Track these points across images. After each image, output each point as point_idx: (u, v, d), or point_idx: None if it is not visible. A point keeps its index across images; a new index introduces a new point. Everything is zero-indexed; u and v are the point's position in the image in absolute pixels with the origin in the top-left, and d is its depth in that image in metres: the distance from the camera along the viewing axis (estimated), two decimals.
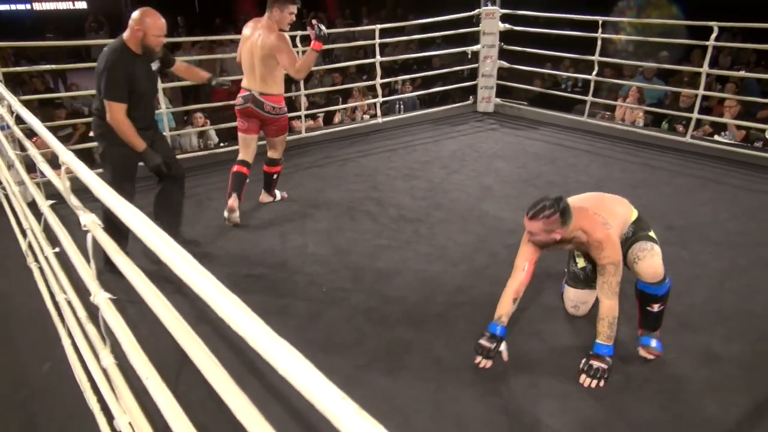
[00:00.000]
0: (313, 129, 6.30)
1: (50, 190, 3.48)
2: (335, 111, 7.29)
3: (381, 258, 3.57)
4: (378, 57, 6.08)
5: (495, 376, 2.50)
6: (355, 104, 7.30)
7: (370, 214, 4.18)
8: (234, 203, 3.98)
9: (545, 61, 7.77)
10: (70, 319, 2.33)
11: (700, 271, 3.33)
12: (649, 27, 7.83)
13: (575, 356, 2.62)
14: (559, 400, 2.36)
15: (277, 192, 4.50)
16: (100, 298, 1.64)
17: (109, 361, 1.79)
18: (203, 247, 3.65)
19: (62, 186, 1.83)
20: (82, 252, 1.86)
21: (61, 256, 2.30)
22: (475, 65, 6.90)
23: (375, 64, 6.13)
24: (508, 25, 6.55)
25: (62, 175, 1.81)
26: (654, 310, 2.59)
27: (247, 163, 4.10)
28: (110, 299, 1.65)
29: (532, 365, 2.57)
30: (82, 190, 1.84)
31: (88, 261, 1.75)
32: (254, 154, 4.16)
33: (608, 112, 6.81)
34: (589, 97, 6.12)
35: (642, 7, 9.39)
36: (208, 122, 6.59)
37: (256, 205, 4.35)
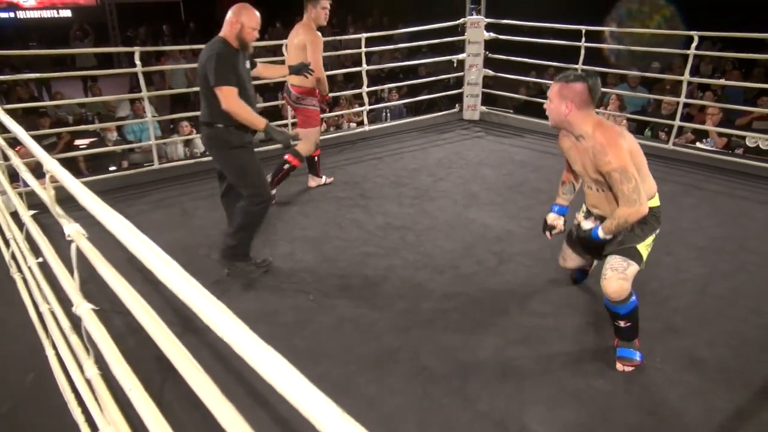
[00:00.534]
0: None
1: (33, 200, 3.45)
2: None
3: (368, 265, 3.58)
4: (364, 65, 6.11)
5: (481, 383, 2.51)
6: (341, 112, 7.31)
7: (358, 222, 4.19)
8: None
9: (530, 69, 7.85)
10: (54, 330, 2.31)
11: (683, 276, 3.37)
12: (640, 36, 7.95)
13: (562, 362, 2.64)
14: (545, 405, 2.38)
15: (323, 177, 4.93)
16: (83, 308, 1.62)
17: (93, 371, 1.77)
18: (189, 255, 3.63)
19: (47, 195, 1.82)
20: (65, 262, 1.84)
21: (45, 266, 2.28)
22: (461, 74, 6.95)
23: (361, 72, 6.16)
24: (493, 34, 6.61)
25: (47, 185, 1.80)
26: (621, 326, 2.56)
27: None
28: (93, 310, 1.64)
29: (518, 371, 2.58)
30: (66, 199, 1.83)
31: (71, 271, 1.74)
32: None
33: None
34: None
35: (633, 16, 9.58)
36: (194, 131, 6.58)
37: None
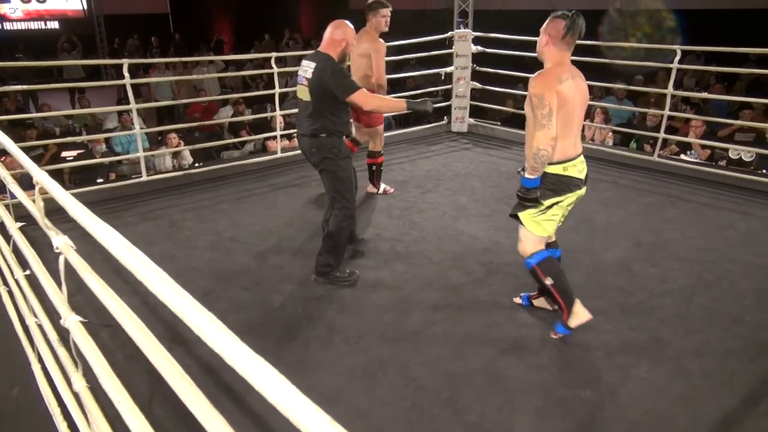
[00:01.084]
0: (290, 149, 6.31)
1: (19, 212, 3.43)
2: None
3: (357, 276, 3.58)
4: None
5: (470, 394, 2.52)
6: None
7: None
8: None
9: (517, 82, 7.92)
10: (41, 343, 2.29)
11: (669, 287, 3.41)
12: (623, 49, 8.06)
13: (550, 372, 2.66)
14: (534, 415, 2.39)
15: (382, 185, 4.97)
16: (71, 321, 1.61)
17: (80, 384, 1.76)
18: (177, 267, 3.61)
19: (36, 207, 1.81)
20: (53, 275, 1.84)
21: (31, 278, 2.27)
22: (449, 86, 7.02)
23: None
24: (480, 48, 6.69)
25: (36, 196, 1.79)
26: (541, 284, 2.90)
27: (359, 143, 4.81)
28: (82, 322, 1.63)
29: (507, 382, 2.60)
30: (53, 211, 1.83)
31: (59, 284, 1.73)
32: (367, 141, 4.78)
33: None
34: None
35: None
36: (182, 143, 6.57)
37: (232, 226, 4.34)
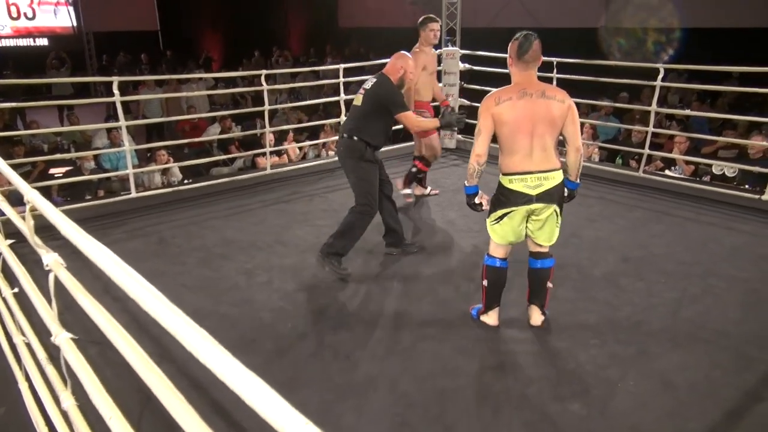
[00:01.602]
0: (279, 165, 6.34)
1: (8, 229, 3.41)
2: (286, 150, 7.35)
3: (347, 293, 3.59)
4: (342, 95, 6.20)
5: (460, 409, 2.53)
6: (322, 140, 7.38)
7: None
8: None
9: None
10: (28, 362, 2.27)
11: (655, 301, 3.45)
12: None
13: (538, 386, 2.68)
14: (523, 430, 2.40)
15: (421, 189, 5.26)
16: (62, 338, 1.62)
17: (69, 402, 1.75)
18: (166, 283, 3.60)
19: (26, 225, 1.82)
20: (42, 292, 1.84)
21: (20, 296, 2.26)
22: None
23: (339, 101, 6.25)
24: (468, 65, 6.79)
25: (27, 214, 1.80)
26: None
27: (418, 156, 5.14)
28: (72, 339, 1.63)
29: (495, 396, 2.61)
30: (42, 228, 1.83)
31: (49, 301, 1.73)
32: (425, 150, 5.06)
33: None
34: None
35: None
36: (171, 159, 6.57)
37: (221, 242, 4.34)
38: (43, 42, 14.98)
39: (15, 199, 3.92)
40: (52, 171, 6.78)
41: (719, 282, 3.68)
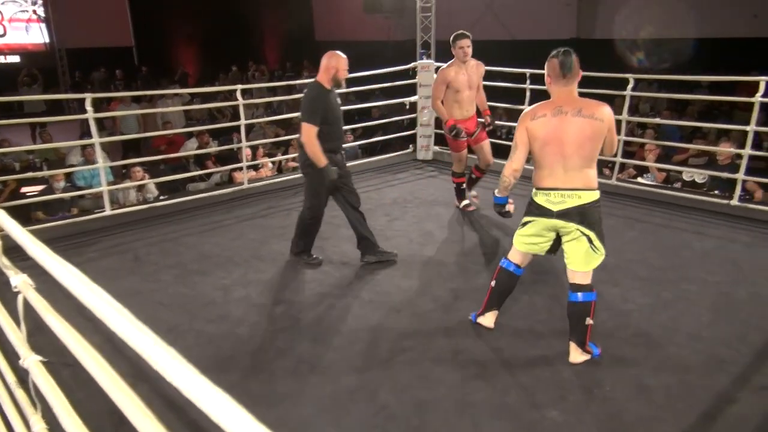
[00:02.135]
0: (256, 180, 6.32)
1: None
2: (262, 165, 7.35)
3: (324, 306, 3.58)
4: None
5: (440, 420, 2.53)
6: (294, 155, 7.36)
7: (314, 263, 4.20)
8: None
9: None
10: None
11: (629, 307, 3.51)
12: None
13: (517, 395, 2.69)
14: None
15: (465, 201, 5.35)
16: (31, 361, 1.59)
17: (39, 426, 1.72)
18: (141, 301, 3.56)
19: None
20: (11, 314, 1.80)
21: None
22: (414, 115, 7.15)
23: None
24: None
25: None
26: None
27: (462, 173, 5.30)
28: (42, 362, 1.60)
29: (475, 406, 2.62)
30: (11, 248, 1.80)
31: (18, 323, 1.70)
32: (463, 164, 5.26)
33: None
34: None
35: None
36: (147, 176, 6.50)
37: (198, 258, 4.30)
38: (15, 59, 14.77)
39: None
40: (25, 190, 6.65)
41: (691, 286, 3.75)
